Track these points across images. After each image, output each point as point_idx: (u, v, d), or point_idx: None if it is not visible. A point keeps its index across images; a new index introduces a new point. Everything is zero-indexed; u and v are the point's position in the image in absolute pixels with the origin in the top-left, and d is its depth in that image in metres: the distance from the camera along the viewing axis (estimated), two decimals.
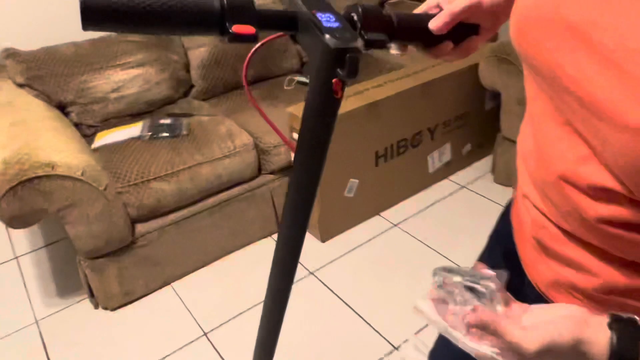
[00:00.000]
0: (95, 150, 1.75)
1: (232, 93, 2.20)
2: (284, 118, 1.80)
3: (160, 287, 1.79)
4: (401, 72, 2.06)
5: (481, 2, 0.57)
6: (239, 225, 1.89)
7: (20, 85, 1.82)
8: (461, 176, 2.32)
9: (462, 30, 0.57)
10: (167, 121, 1.88)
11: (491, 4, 0.58)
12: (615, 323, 0.43)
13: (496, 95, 2.18)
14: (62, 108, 1.89)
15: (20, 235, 2.10)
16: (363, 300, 1.70)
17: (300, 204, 0.54)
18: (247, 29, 0.43)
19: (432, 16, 0.56)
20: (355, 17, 0.50)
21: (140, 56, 1.99)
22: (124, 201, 1.60)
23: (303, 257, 1.84)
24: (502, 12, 0.59)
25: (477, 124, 2.30)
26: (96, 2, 0.40)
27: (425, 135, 2.09)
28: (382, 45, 0.51)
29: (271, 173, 1.91)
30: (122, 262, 1.65)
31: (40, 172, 1.36)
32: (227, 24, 0.43)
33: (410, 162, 2.09)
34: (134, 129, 1.84)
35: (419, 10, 0.60)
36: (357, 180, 1.93)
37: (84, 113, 1.88)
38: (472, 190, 2.22)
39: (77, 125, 1.89)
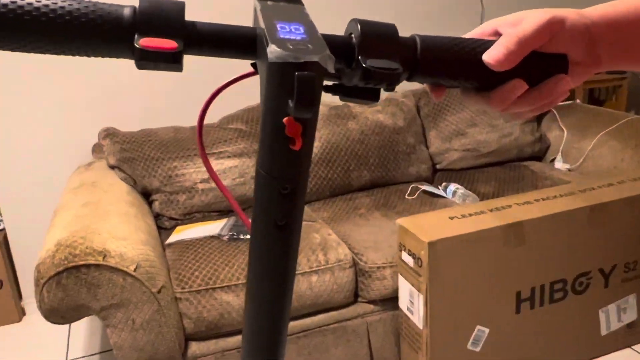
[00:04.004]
0: (169, 245, 1.79)
1: (340, 198, 2.17)
2: (392, 230, 1.67)
3: None
4: (564, 188, 1.83)
5: (564, 19, 0.43)
6: None
7: (112, 167, 1.99)
8: None
9: (540, 63, 0.44)
10: None
11: (584, 24, 0.44)
12: None
13: None
14: (147, 195, 2.01)
15: (80, 336, 2.17)
16: None
17: (260, 313, 0.45)
18: (163, 43, 0.36)
19: (487, 42, 0.44)
20: (354, 37, 0.41)
21: (241, 146, 2.07)
22: (181, 310, 1.56)
23: None
24: (602, 37, 0.44)
25: None
26: None
27: (596, 280, 1.77)
28: (393, 80, 0.40)
29: (370, 302, 1.76)
30: None
31: (90, 260, 1.39)
32: (135, 37, 0.37)
33: (570, 315, 1.77)
34: (215, 226, 1.86)
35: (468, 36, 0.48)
36: (486, 330, 1.67)
37: (167, 203, 1.97)
38: None
39: (157, 217, 1.98)
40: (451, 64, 0.43)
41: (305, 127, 0.34)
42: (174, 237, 1.84)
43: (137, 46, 0.36)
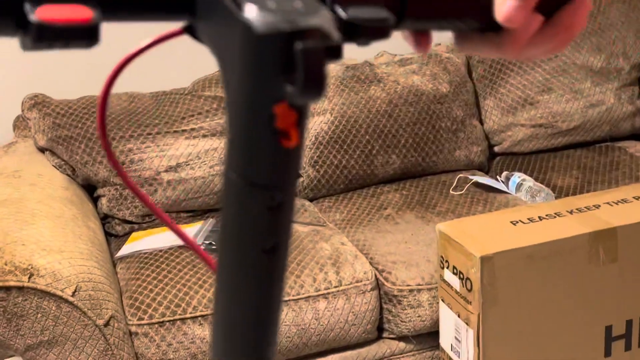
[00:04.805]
0: (121, 259, 1.81)
1: (358, 194, 2.18)
2: (431, 239, 1.67)
3: None
4: None
5: None
6: None
7: (41, 150, 2.01)
8: None
9: None
10: None
11: None
12: None
13: None
14: (91, 190, 2.03)
15: None
16: None
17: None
18: (72, 12, 0.34)
19: None
20: None
21: (221, 120, 2.07)
22: (138, 349, 1.58)
23: None
24: None
25: None
26: None
27: None
28: (383, 34, 0.40)
29: (400, 339, 1.78)
30: None
31: (10, 281, 1.40)
32: (27, 6, 0.33)
33: None
34: (187, 232, 1.87)
35: None
36: None
37: (119, 200, 1.98)
38: None
39: (106, 219, 2.00)
40: (447, 4, 0.44)
41: (301, 116, 0.34)
42: (128, 248, 1.85)
43: (32, 20, 0.33)
